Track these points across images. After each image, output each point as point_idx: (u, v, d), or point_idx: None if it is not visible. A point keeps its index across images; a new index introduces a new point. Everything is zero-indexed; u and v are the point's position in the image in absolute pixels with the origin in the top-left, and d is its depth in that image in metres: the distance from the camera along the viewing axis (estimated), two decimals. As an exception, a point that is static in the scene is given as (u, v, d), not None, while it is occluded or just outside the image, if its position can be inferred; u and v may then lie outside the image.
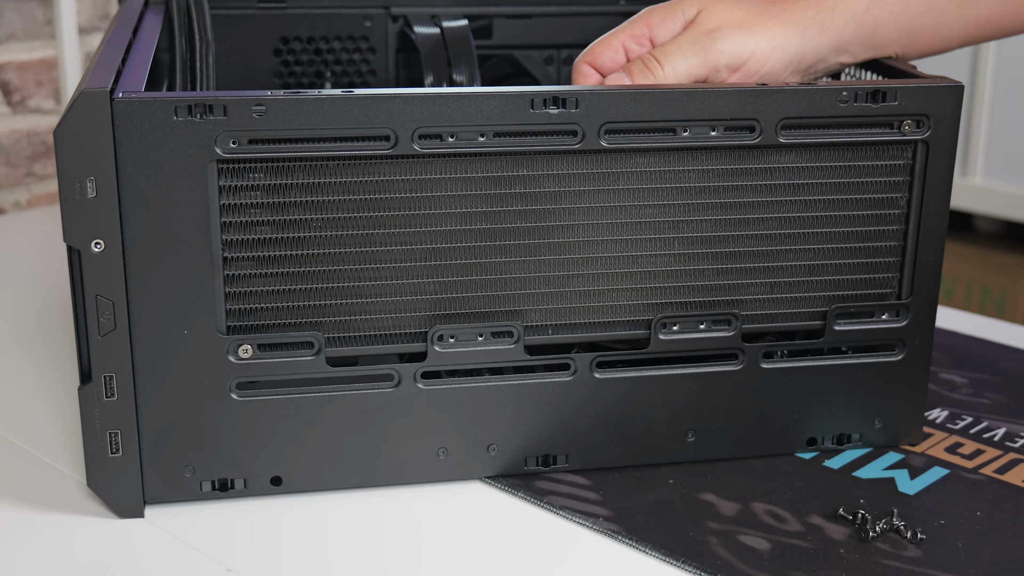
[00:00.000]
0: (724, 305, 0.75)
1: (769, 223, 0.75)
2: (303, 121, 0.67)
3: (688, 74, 0.75)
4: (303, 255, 0.70)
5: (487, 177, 0.70)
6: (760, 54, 0.75)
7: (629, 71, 0.76)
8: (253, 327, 0.70)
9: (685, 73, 0.75)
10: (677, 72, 0.75)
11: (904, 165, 0.75)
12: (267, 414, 0.71)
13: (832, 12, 0.77)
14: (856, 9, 0.77)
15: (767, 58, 0.76)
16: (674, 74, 0.75)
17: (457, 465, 0.75)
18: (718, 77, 0.76)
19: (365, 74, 1.08)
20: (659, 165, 0.72)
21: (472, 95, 0.68)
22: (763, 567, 0.67)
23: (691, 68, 0.75)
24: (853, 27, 0.77)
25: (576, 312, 0.74)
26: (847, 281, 0.77)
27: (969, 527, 0.71)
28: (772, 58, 0.76)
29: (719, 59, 0.75)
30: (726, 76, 0.76)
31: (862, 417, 0.79)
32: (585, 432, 0.76)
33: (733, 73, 0.76)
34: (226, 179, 0.67)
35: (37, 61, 1.43)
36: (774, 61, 0.76)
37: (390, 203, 0.70)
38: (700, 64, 0.75)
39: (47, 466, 0.77)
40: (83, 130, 0.64)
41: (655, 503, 0.73)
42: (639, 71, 0.75)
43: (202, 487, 0.72)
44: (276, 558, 0.68)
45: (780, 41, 0.76)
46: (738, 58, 0.75)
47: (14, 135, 1.42)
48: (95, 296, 0.67)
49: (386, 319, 0.72)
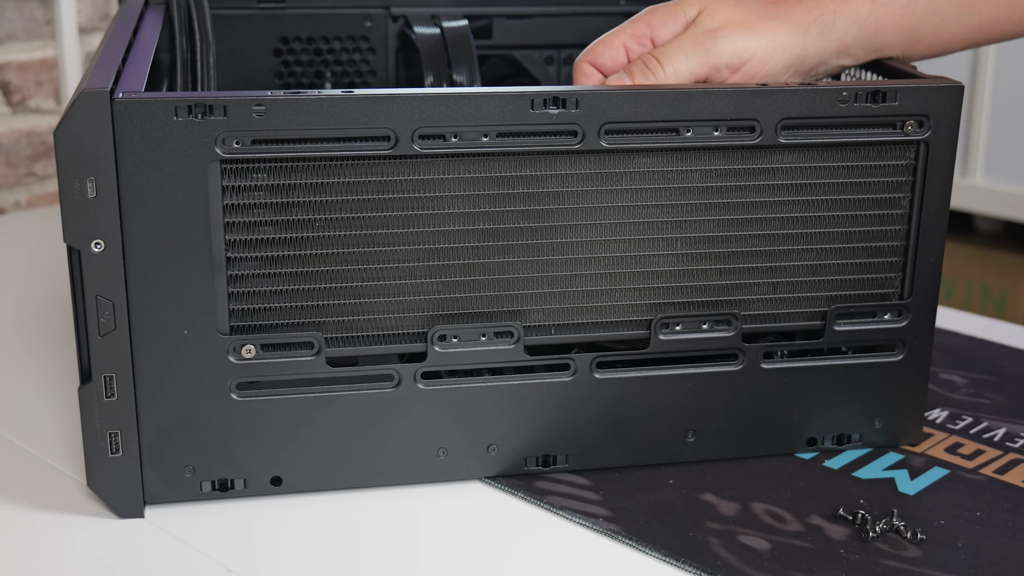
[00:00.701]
0: (724, 305, 0.75)
1: (769, 223, 0.75)
2: (303, 121, 0.67)
3: (689, 74, 0.75)
4: (304, 255, 0.70)
5: (487, 177, 0.70)
6: (761, 55, 0.75)
7: (630, 71, 0.76)
8: (255, 327, 0.70)
9: (686, 73, 0.75)
10: (678, 72, 0.75)
11: (905, 165, 0.75)
12: (267, 414, 0.71)
13: (834, 15, 0.77)
14: (858, 13, 0.77)
15: (768, 59, 0.76)
16: (675, 74, 0.75)
17: (457, 465, 0.75)
18: (719, 77, 0.76)
19: (365, 74, 1.08)
20: (659, 165, 0.72)
21: (472, 95, 0.68)
22: (763, 567, 0.67)
23: (692, 68, 0.75)
24: (855, 30, 0.77)
25: (576, 312, 0.74)
26: (847, 281, 0.77)
27: (969, 527, 0.71)
28: (773, 59, 0.76)
29: (720, 59, 0.75)
30: (727, 76, 0.76)
31: (862, 417, 0.79)
32: (585, 432, 0.76)
33: (734, 73, 0.76)
34: (228, 179, 0.67)
35: (37, 61, 1.43)
36: (775, 62, 0.76)
37: (389, 203, 0.70)
38: (701, 64, 0.75)
39: (47, 466, 0.77)
40: (83, 130, 0.64)
41: (655, 503, 0.73)
42: (640, 71, 0.75)
43: (202, 487, 0.72)
44: (276, 558, 0.68)
45: (782, 42, 0.76)
46: (739, 58, 0.75)
47: (14, 135, 1.42)
48: (95, 296, 0.67)
49: (386, 319, 0.72)
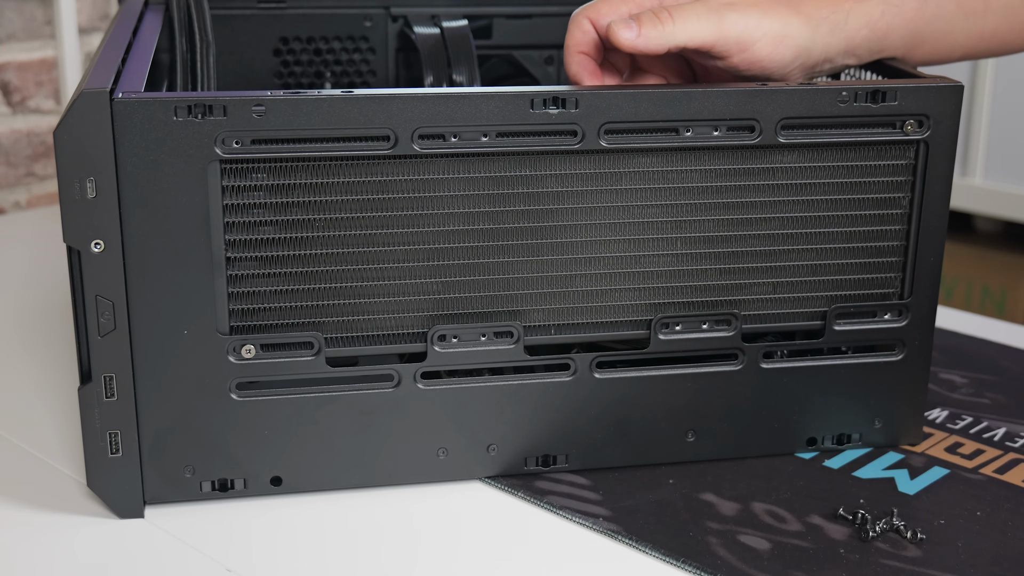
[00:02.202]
0: (724, 305, 0.75)
1: (769, 223, 0.75)
2: (303, 121, 0.67)
3: (696, 36, 0.73)
4: (304, 255, 0.70)
5: (486, 177, 0.70)
6: (770, 38, 0.74)
7: (638, 19, 0.73)
8: (255, 327, 0.70)
9: (694, 33, 0.73)
10: (688, 30, 0.73)
11: (905, 165, 0.75)
12: (267, 414, 0.71)
13: (847, 15, 0.76)
14: (871, 14, 0.77)
15: (776, 44, 0.74)
16: (684, 31, 0.73)
17: (457, 465, 0.75)
18: (724, 52, 0.74)
19: (365, 74, 1.08)
20: (659, 165, 0.72)
21: (472, 95, 0.68)
22: (763, 567, 0.67)
23: (702, 31, 0.73)
24: (866, 32, 0.77)
25: (576, 312, 0.74)
26: (847, 281, 0.77)
27: (969, 527, 0.71)
28: (782, 45, 0.74)
29: (731, 32, 0.73)
30: (733, 53, 0.74)
31: (862, 417, 0.79)
32: (585, 432, 0.76)
33: (740, 52, 0.74)
34: (228, 179, 0.67)
35: (37, 61, 1.42)
36: (783, 49, 0.74)
37: (389, 203, 0.70)
38: (712, 31, 0.73)
39: (47, 466, 0.77)
40: (83, 130, 0.64)
41: (655, 503, 0.73)
42: (649, 20, 0.73)
43: (202, 487, 0.72)
44: (276, 558, 0.68)
45: (792, 30, 0.75)
46: (749, 36, 0.74)
47: (14, 135, 1.42)
48: (95, 296, 0.67)
49: (386, 319, 0.72)
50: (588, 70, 0.77)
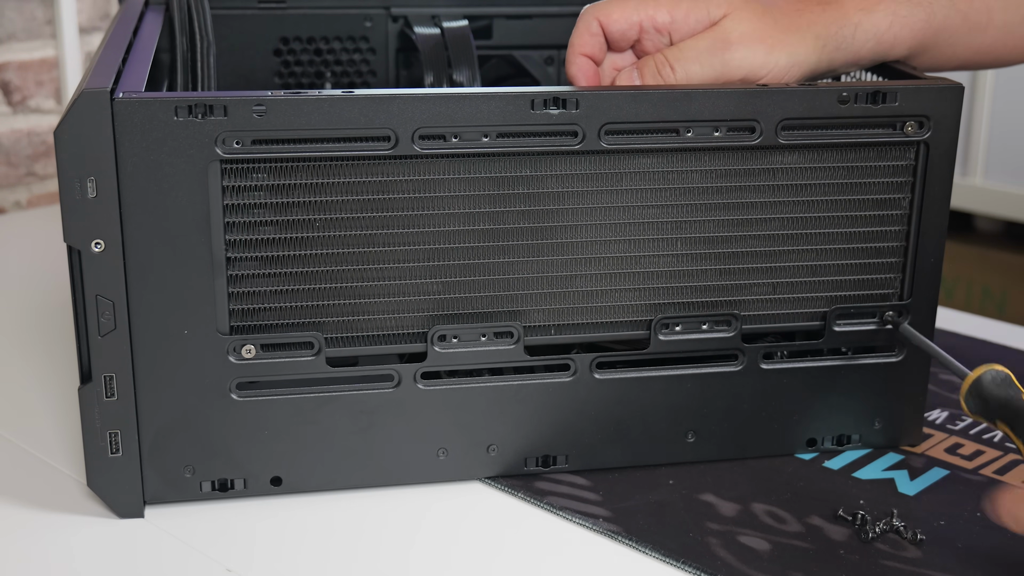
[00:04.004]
0: (724, 306, 0.75)
1: (769, 223, 0.75)
2: (303, 121, 0.67)
3: (701, 82, 0.74)
4: (304, 255, 0.70)
5: (487, 178, 0.70)
6: (778, 71, 0.74)
7: (641, 69, 0.75)
8: (255, 327, 0.70)
9: (698, 81, 0.74)
10: (690, 78, 0.74)
11: (905, 166, 0.75)
12: (267, 414, 0.71)
13: (855, 28, 0.76)
14: (879, 26, 0.77)
15: (784, 74, 0.74)
16: (687, 79, 0.74)
17: (457, 465, 0.75)
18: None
19: (365, 74, 1.08)
20: (659, 166, 0.72)
21: (472, 96, 0.68)
22: (763, 568, 0.67)
23: (705, 76, 0.74)
24: (872, 44, 0.77)
25: (576, 312, 0.74)
26: (848, 282, 0.77)
27: (969, 527, 0.71)
28: (788, 74, 0.74)
29: (736, 74, 0.74)
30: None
31: (862, 418, 0.79)
32: (585, 432, 0.76)
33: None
34: (228, 179, 0.67)
35: (37, 61, 1.43)
36: (790, 77, 0.75)
37: (390, 203, 0.70)
38: (716, 75, 0.74)
39: (47, 466, 0.77)
40: (83, 130, 0.64)
41: (655, 503, 0.73)
42: (651, 72, 0.74)
43: (202, 487, 0.72)
44: (276, 558, 0.68)
45: (800, 58, 0.74)
46: (755, 74, 0.74)
47: (14, 135, 1.42)
48: (95, 296, 0.67)
49: (386, 319, 0.72)
50: (587, 75, 0.77)
